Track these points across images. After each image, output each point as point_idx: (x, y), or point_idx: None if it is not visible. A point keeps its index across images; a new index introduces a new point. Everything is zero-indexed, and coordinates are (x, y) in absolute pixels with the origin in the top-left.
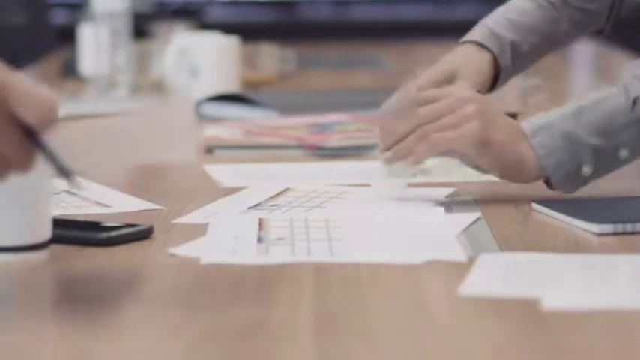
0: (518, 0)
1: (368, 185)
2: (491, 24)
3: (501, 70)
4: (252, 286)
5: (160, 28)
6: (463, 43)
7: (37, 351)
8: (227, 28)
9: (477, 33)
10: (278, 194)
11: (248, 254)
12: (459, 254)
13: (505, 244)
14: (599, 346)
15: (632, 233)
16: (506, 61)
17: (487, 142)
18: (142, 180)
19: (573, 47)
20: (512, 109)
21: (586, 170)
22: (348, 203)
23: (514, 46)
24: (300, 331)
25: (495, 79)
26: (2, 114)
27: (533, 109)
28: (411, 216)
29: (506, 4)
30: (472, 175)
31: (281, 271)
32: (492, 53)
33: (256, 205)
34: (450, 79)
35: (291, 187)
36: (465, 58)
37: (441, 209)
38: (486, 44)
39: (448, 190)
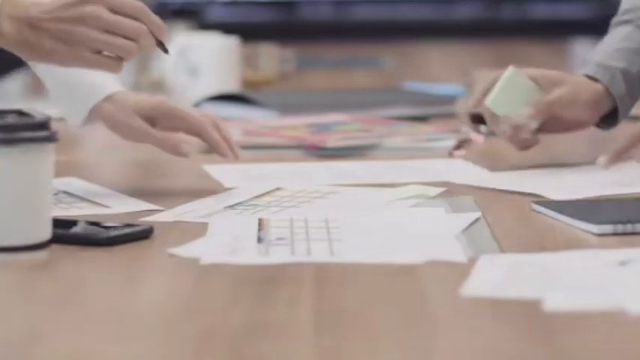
0: (615, 29)
1: (361, 185)
2: (598, 57)
3: (616, 99)
4: (252, 286)
5: None
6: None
7: (36, 351)
8: (227, 28)
9: (586, 68)
10: (264, 194)
11: (248, 254)
12: (458, 254)
13: (505, 245)
14: (601, 347)
15: (632, 234)
16: (619, 89)
17: None
18: (142, 180)
19: (572, 46)
20: None
21: None
22: (330, 203)
23: (625, 73)
24: (300, 331)
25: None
26: None
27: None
28: (411, 216)
29: (607, 37)
30: None
31: (281, 271)
32: (604, 85)
33: (235, 205)
34: (554, 84)
35: (283, 186)
36: (578, 80)
37: (441, 209)
38: (597, 76)
39: (441, 190)
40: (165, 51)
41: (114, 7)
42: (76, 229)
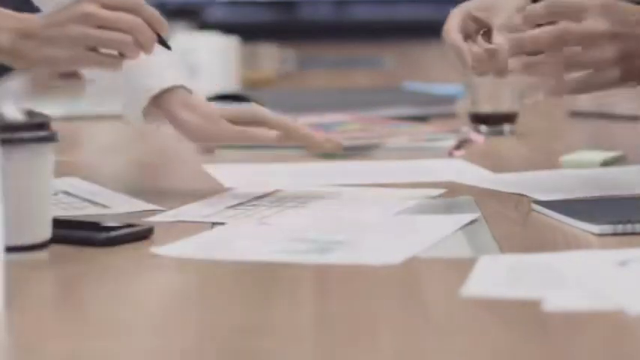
0: None
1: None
2: None
3: None
4: (252, 286)
5: None
6: None
7: (36, 351)
8: (227, 28)
9: None
10: (265, 194)
11: (248, 254)
12: (459, 254)
13: (505, 245)
14: (600, 347)
15: (632, 234)
16: None
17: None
18: (142, 180)
19: None
20: (508, 109)
21: None
22: (330, 204)
23: None
24: (300, 331)
25: None
26: None
27: (530, 109)
28: (411, 216)
29: None
30: None
31: (281, 270)
32: None
33: (236, 205)
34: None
35: (283, 187)
36: None
37: (441, 209)
38: None
39: (441, 190)
40: (167, 47)
41: (108, 4)
42: (75, 229)
